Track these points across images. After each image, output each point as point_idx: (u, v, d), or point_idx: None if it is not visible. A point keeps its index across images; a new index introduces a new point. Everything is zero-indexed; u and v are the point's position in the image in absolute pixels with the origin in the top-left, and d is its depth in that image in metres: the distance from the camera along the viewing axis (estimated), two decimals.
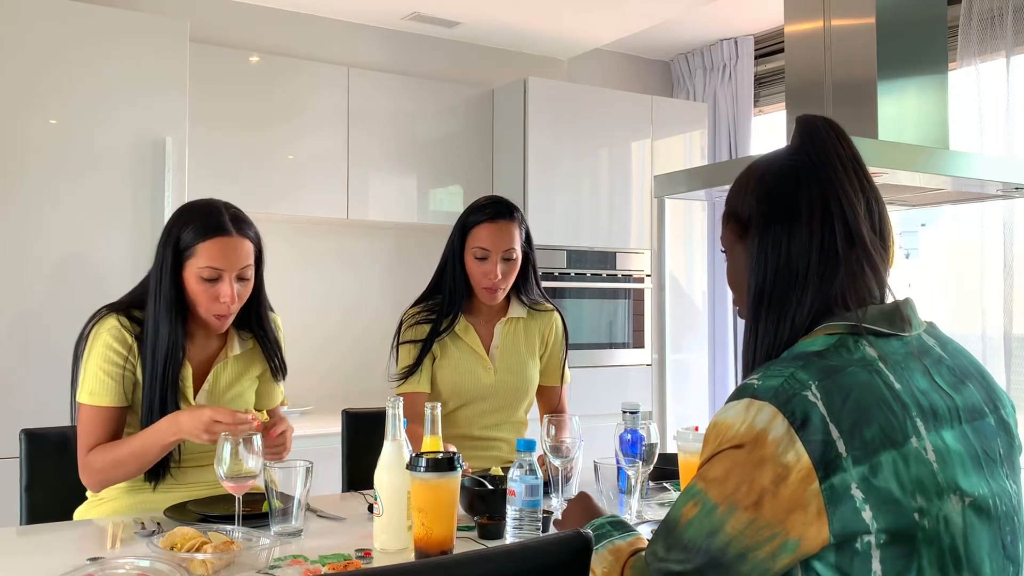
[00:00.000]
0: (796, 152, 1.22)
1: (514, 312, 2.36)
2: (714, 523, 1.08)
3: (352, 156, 3.77)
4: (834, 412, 1.05)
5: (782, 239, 1.18)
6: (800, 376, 1.08)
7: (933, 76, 2.53)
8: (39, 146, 2.95)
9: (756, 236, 1.21)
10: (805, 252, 1.17)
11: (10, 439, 2.16)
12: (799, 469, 1.03)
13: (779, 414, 1.05)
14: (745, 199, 1.24)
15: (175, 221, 1.89)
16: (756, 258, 1.20)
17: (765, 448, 1.05)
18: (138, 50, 3.11)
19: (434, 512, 1.48)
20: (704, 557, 1.09)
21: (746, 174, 1.27)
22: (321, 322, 3.96)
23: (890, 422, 1.06)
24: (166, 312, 1.85)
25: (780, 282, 1.18)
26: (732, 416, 1.10)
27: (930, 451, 1.07)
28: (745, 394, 1.10)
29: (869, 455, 1.04)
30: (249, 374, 2.04)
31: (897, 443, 1.06)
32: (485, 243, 2.23)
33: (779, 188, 1.20)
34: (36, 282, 2.92)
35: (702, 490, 1.11)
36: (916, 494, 1.04)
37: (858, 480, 1.03)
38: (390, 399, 1.64)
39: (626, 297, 4.22)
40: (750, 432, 1.07)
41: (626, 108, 4.26)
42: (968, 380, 1.18)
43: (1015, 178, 2.40)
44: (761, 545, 1.06)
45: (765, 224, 1.20)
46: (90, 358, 1.86)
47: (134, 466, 1.83)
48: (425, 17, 4.02)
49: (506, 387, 2.33)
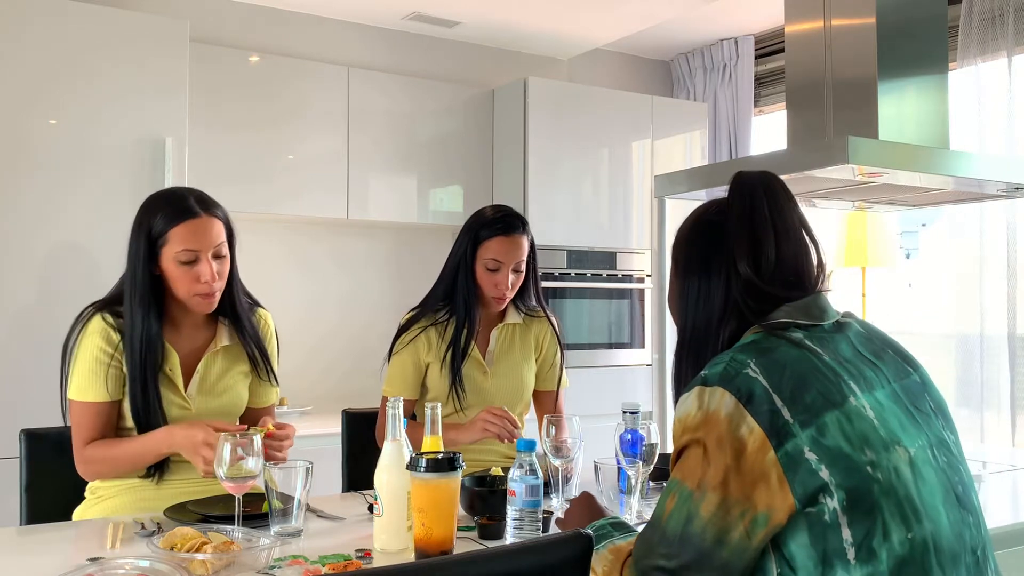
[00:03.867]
0: (721, 208, 1.33)
1: (510, 318, 2.38)
2: (690, 510, 1.14)
3: (352, 156, 3.77)
4: (774, 383, 1.14)
5: (698, 290, 1.31)
6: (739, 357, 1.18)
7: (933, 76, 2.52)
8: (39, 146, 2.95)
9: (679, 280, 1.35)
10: (718, 305, 1.29)
11: (10, 439, 2.16)
12: (753, 440, 1.10)
13: (726, 392, 1.15)
14: (676, 242, 1.39)
15: (144, 212, 1.92)
16: (679, 301, 1.35)
17: (720, 426, 1.13)
18: (138, 50, 3.11)
19: (434, 512, 1.48)
20: (685, 546, 1.14)
21: (689, 218, 1.40)
22: (321, 322, 3.96)
23: (826, 386, 1.15)
24: (140, 303, 1.88)
25: (699, 327, 1.31)
26: (688, 406, 1.19)
27: (868, 408, 1.15)
28: (695, 384, 1.20)
29: (813, 417, 1.12)
30: (240, 366, 2.05)
31: (837, 404, 1.14)
32: (498, 256, 2.26)
33: (698, 242, 1.34)
34: (37, 283, 2.92)
35: (678, 480, 1.18)
36: (864, 448, 1.12)
37: (809, 443, 1.10)
38: (390, 399, 1.64)
39: (626, 297, 4.22)
40: (704, 415, 1.15)
41: (626, 108, 4.26)
42: (886, 348, 1.28)
43: (1016, 178, 2.40)
44: (734, 525, 1.11)
45: (685, 272, 1.34)
46: (78, 357, 1.90)
47: (128, 467, 1.90)
48: (425, 17, 4.02)
49: (503, 391, 2.35)
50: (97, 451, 1.88)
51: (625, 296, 4.21)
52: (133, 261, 1.90)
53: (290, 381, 3.76)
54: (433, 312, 2.33)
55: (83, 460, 1.90)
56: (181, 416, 1.93)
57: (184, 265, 1.87)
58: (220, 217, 1.94)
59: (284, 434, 1.88)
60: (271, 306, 2.19)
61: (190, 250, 1.87)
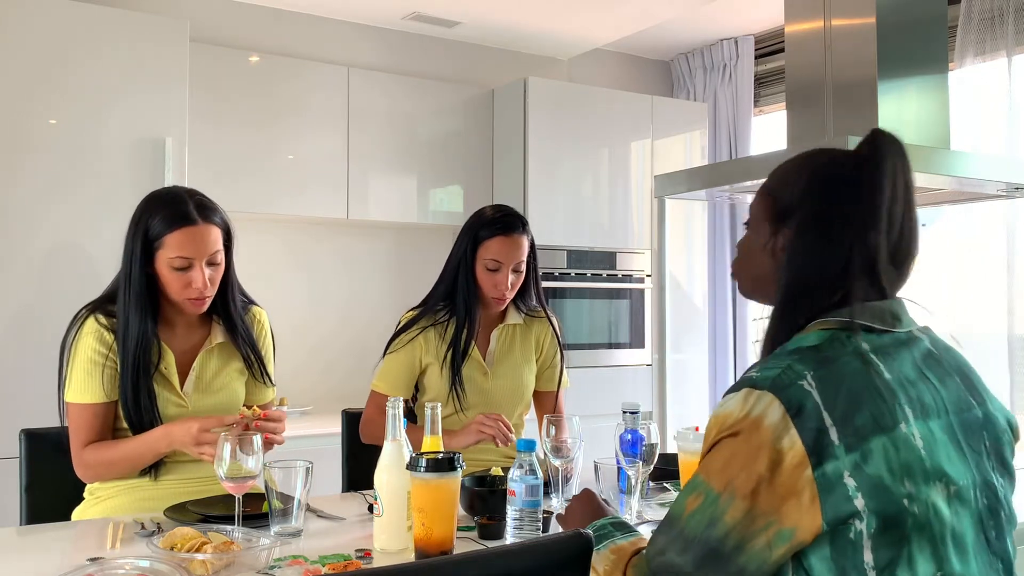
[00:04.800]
0: (859, 164, 1.21)
1: (511, 319, 2.38)
2: (715, 513, 1.10)
3: (352, 156, 3.77)
4: (828, 400, 1.08)
5: (820, 245, 1.19)
6: (797, 367, 1.12)
7: (933, 76, 2.52)
8: (39, 146, 2.95)
9: (796, 231, 1.22)
10: (840, 264, 1.18)
11: (10, 439, 2.16)
12: (793, 455, 1.06)
13: (776, 401, 1.09)
14: (795, 186, 1.24)
15: (141, 212, 1.91)
16: (790, 253, 1.22)
17: (761, 434, 1.08)
18: (138, 50, 3.11)
19: (434, 512, 1.48)
20: (703, 548, 1.11)
21: (804, 162, 1.26)
22: (321, 322, 3.96)
23: (880, 408, 1.10)
24: (135, 301, 1.88)
25: (811, 284, 1.20)
26: (731, 406, 1.13)
27: (918, 437, 1.10)
28: (744, 385, 1.14)
29: (860, 441, 1.07)
30: (235, 363, 2.05)
31: (887, 428, 1.09)
32: (498, 256, 2.26)
33: (833, 194, 1.20)
34: (37, 282, 2.92)
35: (704, 480, 1.13)
36: (905, 479, 1.07)
37: (850, 468, 1.06)
38: (390, 399, 1.64)
39: (626, 297, 4.22)
40: (747, 419, 1.10)
41: (626, 108, 4.26)
42: (954, 375, 1.21)
43: (1016, 178, 2.40)
44: (757, 535, 1.08)
45: (808, 223, 1.20)
46: (74, 359, 1.91)
47: (126, 468, 1.90)
48: (425, 17, 4.02)
49: (503, 391, 2.35)
50: (95, 454, 1.88)
51: (625, 296, 4.21)
52: (128, 259, 1.90)
53: (290, 381, 3.76)
54: (433, 312, 2.33)
55: (81, 464, 1.90)
56: (178, 414, 1.93)
57: (177, 271, 1.87)
58: (218, 224, 1.93)
59: (276, 416, 1.89)
60: (270, 306, 2.19)
61: (184, 257, 1.86)
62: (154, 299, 1.92)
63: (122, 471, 1.90)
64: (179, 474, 1.95)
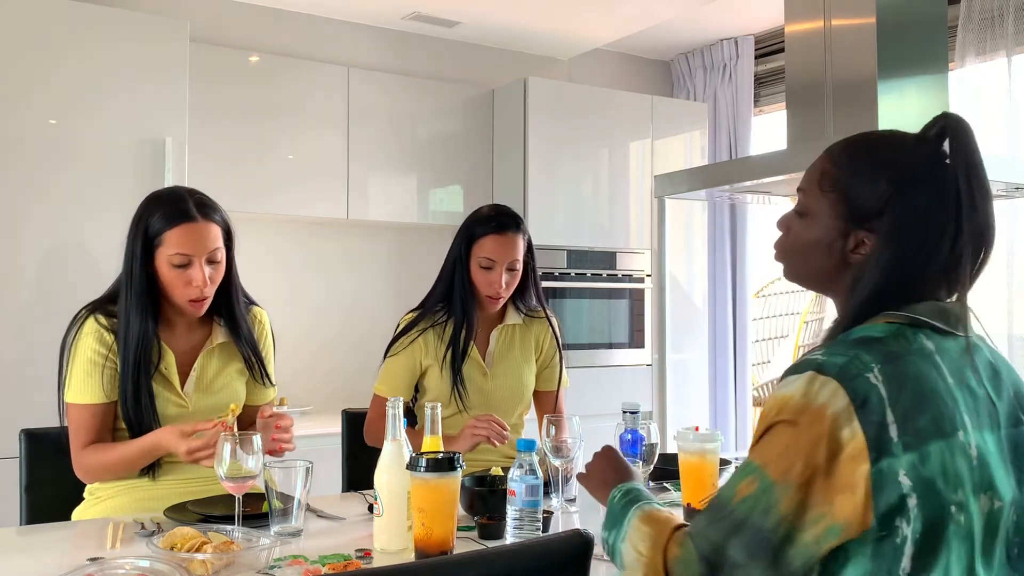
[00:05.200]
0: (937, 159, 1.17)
1: (510, 319, 2.38)
2: (769, 501, 1.07)
3: (352, 156, 3.77)
4: (892, 396, 1.06)
5: (910, 253, 1.15)
6: (864, 358, 1.08)
7: (933, 76, 2.52)
8: (39, 145, 2.94)
9: (882, 238, 1.16)
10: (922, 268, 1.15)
11: (10, 439, 2.16)
12: (853, 447, 1.03)
13: (841, 390, 1.06)
14: (872, 190, 1.17)
15: (142, 211, 1.92)
16: (876, 260, 1.16)
17: (823, 423, 1.05)
18: (138, 50, 3.11)
19: (434, 512, 1.48)
20: (755, 536, 1.07)
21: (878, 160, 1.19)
22: (321, 322, 3.96)
23: (942, 412, 1.07)
24: (136, 301, 1.88)
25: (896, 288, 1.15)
26: (793, 389, 1.09)
27: (973, 447, 1.08)
28: (808, 367, 1.10)
29: (920, 443, 1.05)
30: (236, 364, 2.05)
31: (946, 434, 1.07)
32: (491, 254, 2.25)
33: (918, 197, 1.15)
34: (36, 281, 2.92)
35: (761, 467, 1.09)
36: (958, 488, 1.06)
37: (907, 467, 1.04)
38: (390, 399, 1.64)
39: (626, 297, 4.22)
40: (810, 406, 1.06)
41: (626, 108, 4.26)
42: (1009, 388, 1.19)
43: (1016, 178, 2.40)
44: (807, 527, 1.05)
45: (895, 231, 1.15)
46: (74, 359, 1.91)
47: (123, 471, 1.90)
48: (425, 17, 4.02)
49: (502, 392, 2.35)
50: (93, 457, 1.88)
51: (625, 296, 4.21)
52: (130, 258, 1.90)
53: (290, 381, 3.75)
54: (432, 313, 2.33)
55: (80, 465, 1.90)
56: (179, 415, 1.93)
57: (177, 268, 1.87)
58: (218, 222, 1.93)
59: (285, 425, 1.90)
60: (270, 306, 2.19)
61: (183, 254, 1.86)
62: (155, 299, 1.92)
63: (119, 473, 1.91)
64: (179, 474, 1.95)
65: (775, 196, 2.77)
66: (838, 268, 1.21)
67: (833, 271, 1.22)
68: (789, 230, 1.28)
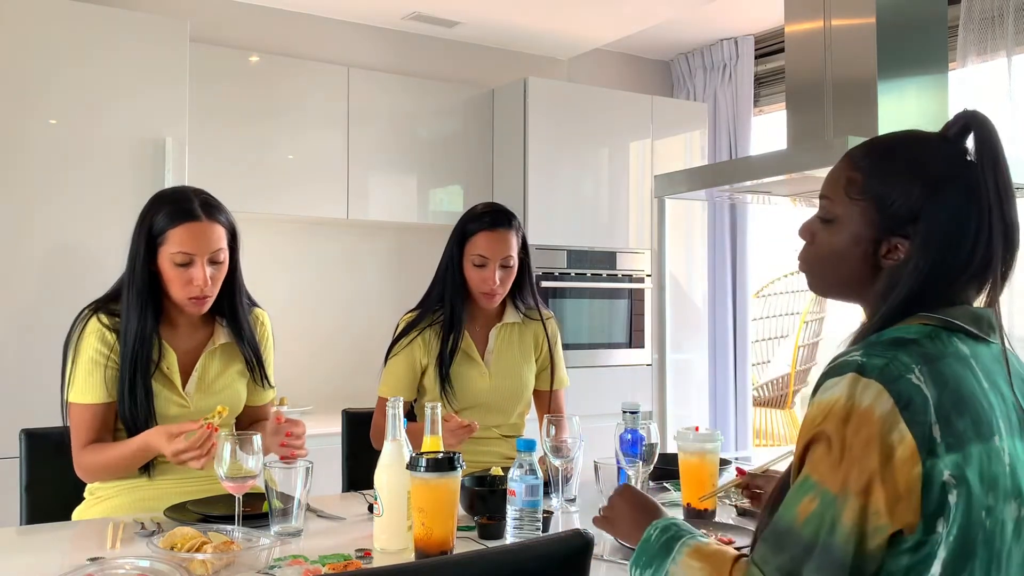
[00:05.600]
0: (963, 160, 1.16)
1: (509, 318, 2.38)
2: (833, 516, 1.03)
3: (352, 156, 3.77)
4: (935, 398, 1.04)
5: (945, 257, 1.13)
6: (903, 359, 1.06)
7: (933, 76, 2.52)
8: (39, 146, 2.95)
9: (918, 244, 1.13)
10: (961, 271, 1.13)
11: (10, 439, 2.16)
12: (904, 449, 1.02)
13: (885, 392, 1.04)
14: (905, 196, 1.15)
15: (147, 210, 1.93)
16: (912, 266, 1.13)
17: (871, 426, 1.03)
18: (138, 50, 3.11)
19: (434, 512, 1.48)
20: (826, 556, 1.02)
21: (908, 165, 1.17)
22: (321, 322, 3.96)
23: (980, 416, 1.07)
24: (137, 298, 1.89)
25: (922, 298, 1.13)
26: (837, 393, 1.06)
27: (1007, 453, 1.08)
28: (848, 369, 1.07)
29: (961, 445, 1.04)
30: (237, 365, 2.05)
31: (984, 437, 1.06)
32: (484, 251, 2.25)
33: (954, 204, 1.13)
34: (37, 282, 2.92)
35: (818, 482, 1.05)
36: (990, 493, 1.05)
37: (952, 468, 1.02)
38: (390, 399, 1.64)
39: (626, 297, 4.22)
40: (856, 409, 1.04)
41: (626, 108, 4.26)
42: None
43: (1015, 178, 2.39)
44: (873, 536, 1.02)
45: (931, 236, 1.12)
46: (77, 359, 1.91)
47: (121, 471, 1.91)
48: (425, 17, 4.02)
49: (502, 392, 2.35)
50: (91, 457, 1.89)
51: (625, 296, 4.21)
52: (133, 256, 1.91)
53: (290, 381, 3.76)
54: (431, 313, 2.33)
55: (80, 465, 1.91)
56: (180, 414, 1.93)
57: (179, 267, 1.88)
58: (223, 223, 1.93)
59: (298, 432, 1.91)
60: (270, 306, 2.19)
61: (186, 253, 1.87)
62: (157, 298, 1.93)
63: (118, 473, 1.91)
64: (177, 474, 1.95)
65: (775, 196, 2.77)
66: (870, 275, 1.19)
67: (864, 278, 1.20)
68: (814, 238, 1.25)
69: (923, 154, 1.18)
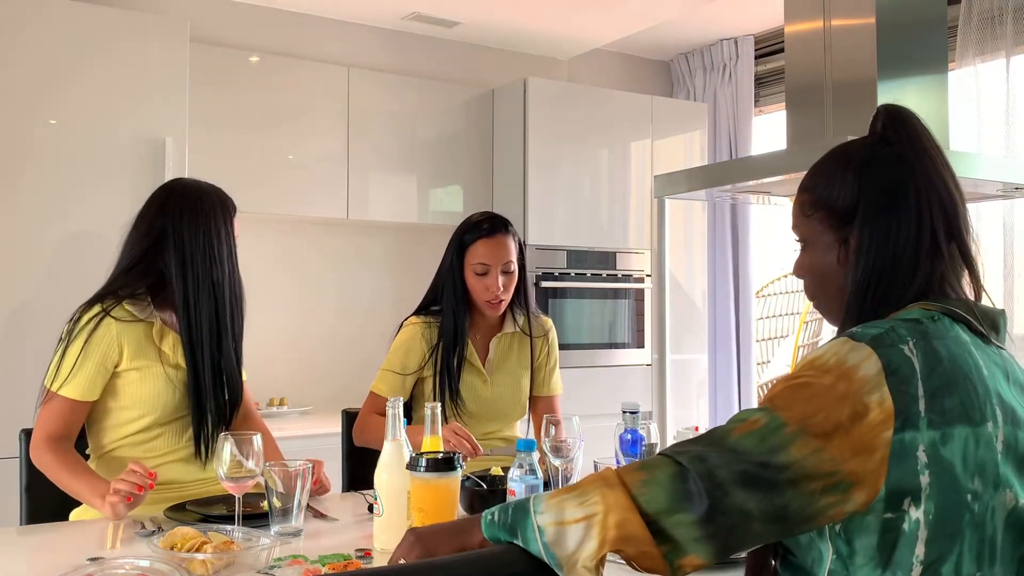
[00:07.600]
0: (887, 141, 1.21)
1: (509, 327, 2.39)
2: (779, 440, 1.03)
3: (352, 156, 3.77)
4: (924, 371, 1.06)
5: (890, 229, 1.16)
6: (900, 331, 1.09)
7: (933, 76, 2.52)
8: (39, 146, 2.95)
9: (861, 226, 1.18)
10: (913, 242, 1.16)
11: (10, 439, 2.16)
12: (879, 412, 1.03)
13: (874, 355, 1.06)
14: (843, 187, 1.20)
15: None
16: (860, 249, 1.17)
17: (851, 383, 1.04)
18: (138, 50, 3.11)
19: (434, 512, 1.48)
20: (753, 466, 1.03)
21: (837, 162, 1.23)
22: (321, 322, 3.96)
23: (971, 399, 1.07)
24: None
25: (885, 273, 1.16)
26: (825, 350, 1.09)
27: (1000, 440, 1.08)
28: (842, 337, 1.11)
29: (945, 423, 1.04)
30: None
31: (974, 421, 1.06)
32: (485, 258, 2.26)
33: (885, 176, 1.18)
34: (37, 283, 2.92)
35: (770, 409, 1.07)
36: (975, 476, 1.05)
37: (927, 444, 1.03)
38: (390, 400, 1.64)
39: (626, 297, 4.22)
40: (840, 365, 1.06)
41: (626, 108, 4.26)
42: None
43: (1015, 178, 2.40)
44: (816, 478, 1.02)
45: (872, 214, 1.17)
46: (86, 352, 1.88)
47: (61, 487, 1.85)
48: (425, 17, 4.02)
49: (502, 400, 2.36)
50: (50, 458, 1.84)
51: (624, 296, 4.21)
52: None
53: (290, 381, 3.76)
54: (432, 318, 2.33)
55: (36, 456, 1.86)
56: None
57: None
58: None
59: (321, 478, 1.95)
60: (270, 306, 2.19)
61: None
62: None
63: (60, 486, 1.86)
64: (179, 474, 1.95)
65: (775, 196, 2.77)
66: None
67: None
68: (803, 268, 1.28)
69: (848, 148, 1.25)
